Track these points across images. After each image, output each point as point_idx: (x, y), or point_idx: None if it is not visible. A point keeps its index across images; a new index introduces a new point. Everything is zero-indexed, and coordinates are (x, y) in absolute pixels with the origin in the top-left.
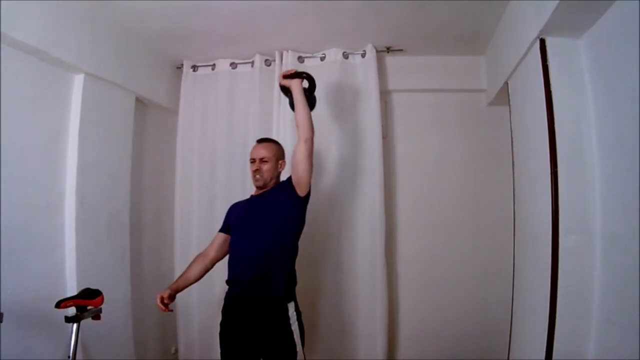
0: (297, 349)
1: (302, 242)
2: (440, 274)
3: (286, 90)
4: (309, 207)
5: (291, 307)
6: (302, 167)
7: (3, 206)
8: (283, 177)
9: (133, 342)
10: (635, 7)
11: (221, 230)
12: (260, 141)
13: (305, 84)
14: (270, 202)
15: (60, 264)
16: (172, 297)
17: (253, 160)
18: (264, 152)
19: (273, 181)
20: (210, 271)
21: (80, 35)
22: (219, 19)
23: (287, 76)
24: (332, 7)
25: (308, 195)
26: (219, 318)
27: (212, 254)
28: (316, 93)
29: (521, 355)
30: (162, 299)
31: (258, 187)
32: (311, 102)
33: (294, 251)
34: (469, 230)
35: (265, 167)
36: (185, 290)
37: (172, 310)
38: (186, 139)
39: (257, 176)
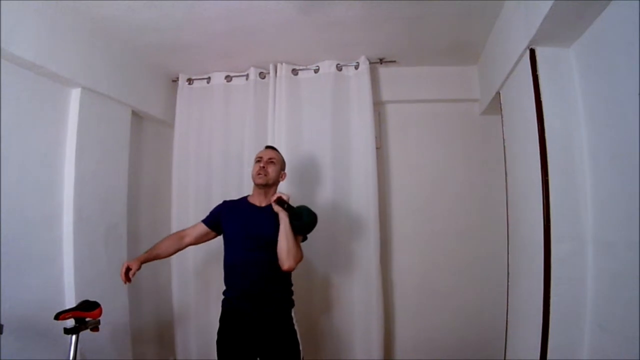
0: (300, 347)
1: None
2: (435, 283)
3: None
4: None
5: (292, 311)
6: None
7: (2, 219)
8: (281, 187)
9: (131, 354)
10: (625, 16)
11: (205, 222)
12: (269, 146)
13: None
14: (270, 225)
15: (58, 276)
16: (138, 269)
17: (260, 160)
18: (273, 153)
19: (274, 187)
20: (207, 283)
21: (77, 49)
22: (214, 32)
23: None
24: (325, 20)
25: None
26: (217, 328)
27: (188, 239)
28: (310, 106)
29: None
30: (127, 270)
31: (259, 186)
32: (305, 225)
33: None
34: (464, 238)
35: (272, 167)
36: (183, 300)
37: (130, 282)
38: (182, 152)
39: (262, 174)
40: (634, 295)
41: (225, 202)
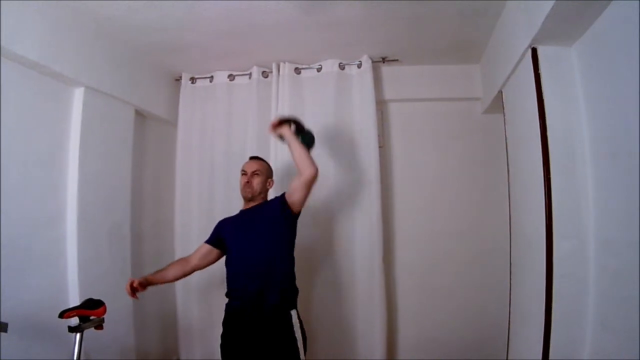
0: (301, 357)
1: (300, 252)
2: (438, 282)
3: (282, 137)
4: (307, 217)
5: (294, 314)
6: (299, 194)
7: (6, 219)
8: (270, 195)
9: (135, 352)
10: (626, 15)
11: (207, 242)
12: (252, 157)
13: (295, 125)
14: (264, 215)
15: (62, 275)
16: (143, 286)
17: (244, 173)
18: (256, 165)
19: (261, 196)
20: (211, 282)
21: (80, 49)
22: (215, 32)
23: (275, 125)
24: (326, 20)
25: (300, 211)
26: (220, 328)
27: (194, 261)
28: (313, 105)
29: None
30: (132, 284)
31: (246, 199)
32: (307, 140)
33: (292, 261)
34: (466, 237)
35: (256, 180)
36: (186, 300)
37: (138, 298)
38: (185, 150)
39: (247, 188)
40: (635, 293)
41: (221, 220)
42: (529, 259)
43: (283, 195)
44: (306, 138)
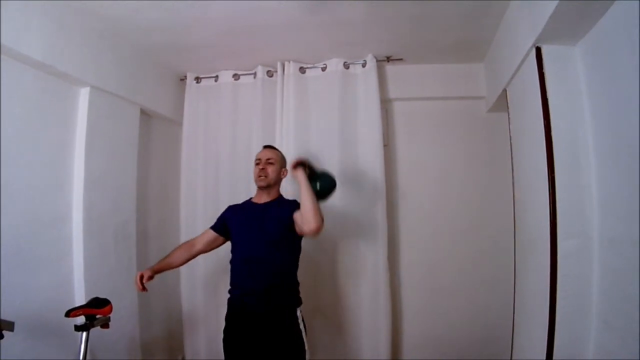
0: (305, 347)
1: (304, 250)
2: (442, 280)
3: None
4: None
5: (298, 310)
6: (300, 231)
7: (12, 218)
8: (283, 187)
9: (140, 351)
10: (630, 14)
11: (213, 228)
12: (267, 146)
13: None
14: (274, 219)
15: (68, 274)
16: (151, 278)
17: (259, 162)
18: (270, 154)
19: (276, 187)
20: (216, 282)
21: (85, 49)
22: (220, 32)
23: (293, 167)
24: (332, 19)
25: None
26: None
27: (199, 246)
28: (318, 104)
29: (523, 358)
30: (141, 277)
31: (261, 188)
32: (326, 184)
33: (296, 262)
34: (471, 236)
35: (271, 168)
36: (191, 298)
37: (147, 290)
38: (190, 150)
39: (262, 176)
40: (638, 292)
41: (230, 206)
42: (533, 258)
43: (295, 208)
44: (325, 182)
